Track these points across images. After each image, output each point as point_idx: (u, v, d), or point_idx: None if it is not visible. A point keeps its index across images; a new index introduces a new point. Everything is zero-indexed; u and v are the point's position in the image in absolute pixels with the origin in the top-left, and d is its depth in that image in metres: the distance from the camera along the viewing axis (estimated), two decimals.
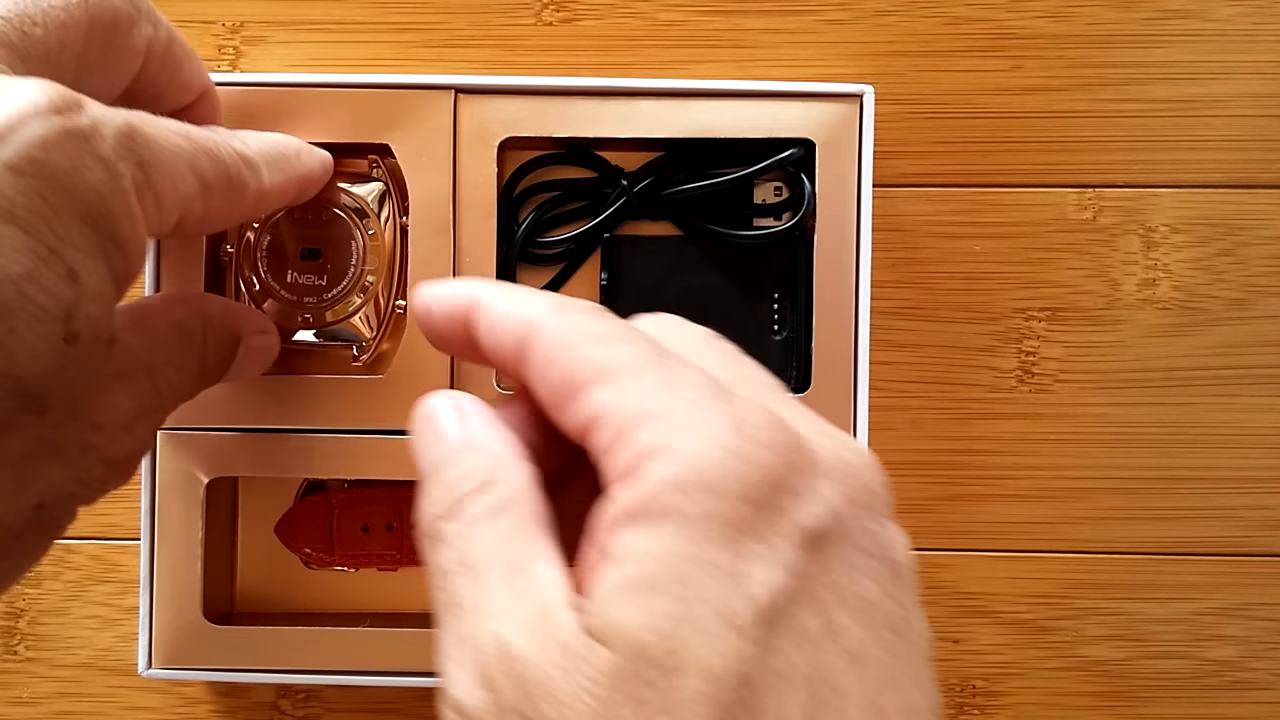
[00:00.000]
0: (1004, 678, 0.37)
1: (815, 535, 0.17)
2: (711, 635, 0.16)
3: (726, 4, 0.37)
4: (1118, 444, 0.37)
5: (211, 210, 0.24)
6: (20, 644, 0.37)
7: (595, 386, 0.18)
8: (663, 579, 0.16)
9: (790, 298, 0.34)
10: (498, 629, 0.17)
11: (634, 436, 0.17)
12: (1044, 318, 0.37)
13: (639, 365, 0.18)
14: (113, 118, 0.21)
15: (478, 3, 0.37)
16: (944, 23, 0.37)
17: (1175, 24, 0.37)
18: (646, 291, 0.34)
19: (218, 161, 0.23)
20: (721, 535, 0.17)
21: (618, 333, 0.19)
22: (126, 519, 0.37)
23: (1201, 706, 0.37)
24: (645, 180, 0.34)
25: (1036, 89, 0.37)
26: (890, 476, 0.38)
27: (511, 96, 0.33)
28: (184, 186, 0.22)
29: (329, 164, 0.31)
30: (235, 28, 0.37)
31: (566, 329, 0.19)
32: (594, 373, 0.18)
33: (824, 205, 0.33)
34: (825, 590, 0.17)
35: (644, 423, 0.17)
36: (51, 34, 0.22)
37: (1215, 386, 0.37)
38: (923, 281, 0.37)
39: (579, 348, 0.18)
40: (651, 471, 0.17)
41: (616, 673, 0.16)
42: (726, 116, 0.32)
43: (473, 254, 0.33)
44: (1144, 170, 0.37)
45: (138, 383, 0.23)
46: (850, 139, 0.33)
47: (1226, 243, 0.37)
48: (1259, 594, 0.37)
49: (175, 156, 0.22)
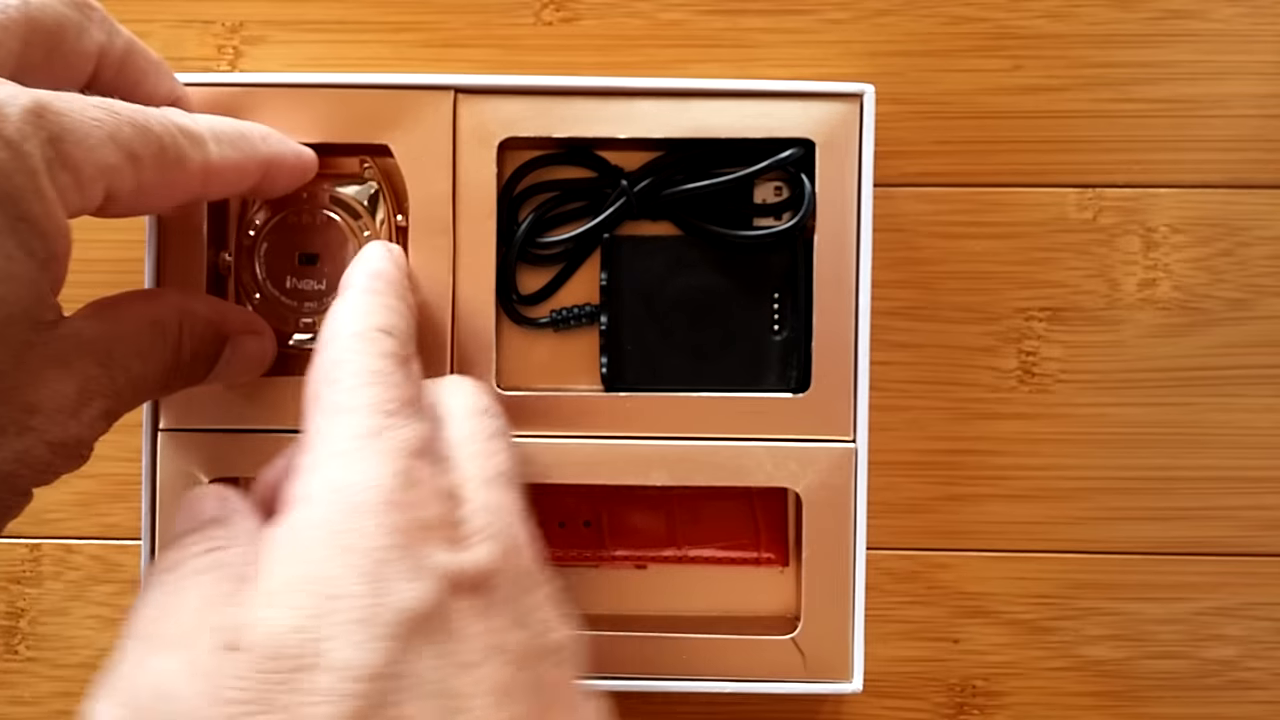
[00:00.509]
0: (1004, 678, 0.37)
1: (463, 581, 0.19)
2: (350, 634, 0.17)
3: (726, 4, 0.36)
4: (1118, 444, 0.37)
5: (146, 182, 0.23)
6: (21, 644, 0.37)
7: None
8: (304, 583, 0.18)
9: (790, 298, 0.34)
10: (158, 662, 0.18)
11: (298, 477, 0.20)
12: (1044, 318, 0.37)
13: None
14: (18, 96, 0.21)
15: (478, 2, 0.37)
16: (944, 22, 0.37)
17: (1175, 24, 0.37)
18: (646, 291, 0.34)
19: (145, 132, 0.23)
20: (369, 552, 0.18)
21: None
22: (127, 519, 0.37)
23: (1201, 706, 0.37)
24: (645, 180, 0.34)
25: (1036, 89, 0.37)
26: (890, 476, 0.38)
27: (511, 96, 0.33)
28: (104, 158, 0.22)
29: (307, 157, 0.31)
30: (235, 27, 0.37)
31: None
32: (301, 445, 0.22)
33: (824, 205, 0.33)
34: (466, 629, 0.19)
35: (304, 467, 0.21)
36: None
37: (1215, 386, 0.37)
38: (923, 281, 0.37)
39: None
40: (303, 489, 0.20)
41: (251, 675, 0.17)
42: (726, 116, 0.32)
43: (472, 254, 0.33)
44: (1144, 170, 0.37)
45: (84, 369, 0.23)
46: (850, 139, 0.33)
47: (1227, 243, 0.37)
48: (1259, 594, 0.37)
49: (91, 129, 0.22)
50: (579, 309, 0.35)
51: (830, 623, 0.33)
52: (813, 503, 0.32)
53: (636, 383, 0.34)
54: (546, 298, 0.35)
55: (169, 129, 0.24)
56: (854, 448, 0.32)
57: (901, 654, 0.37)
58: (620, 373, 0.34)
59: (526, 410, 0.33)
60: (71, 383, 0.23)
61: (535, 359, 0.35)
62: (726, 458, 0.32)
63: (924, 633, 0.37)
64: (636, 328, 0.34)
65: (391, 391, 0.22)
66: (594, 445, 0.32)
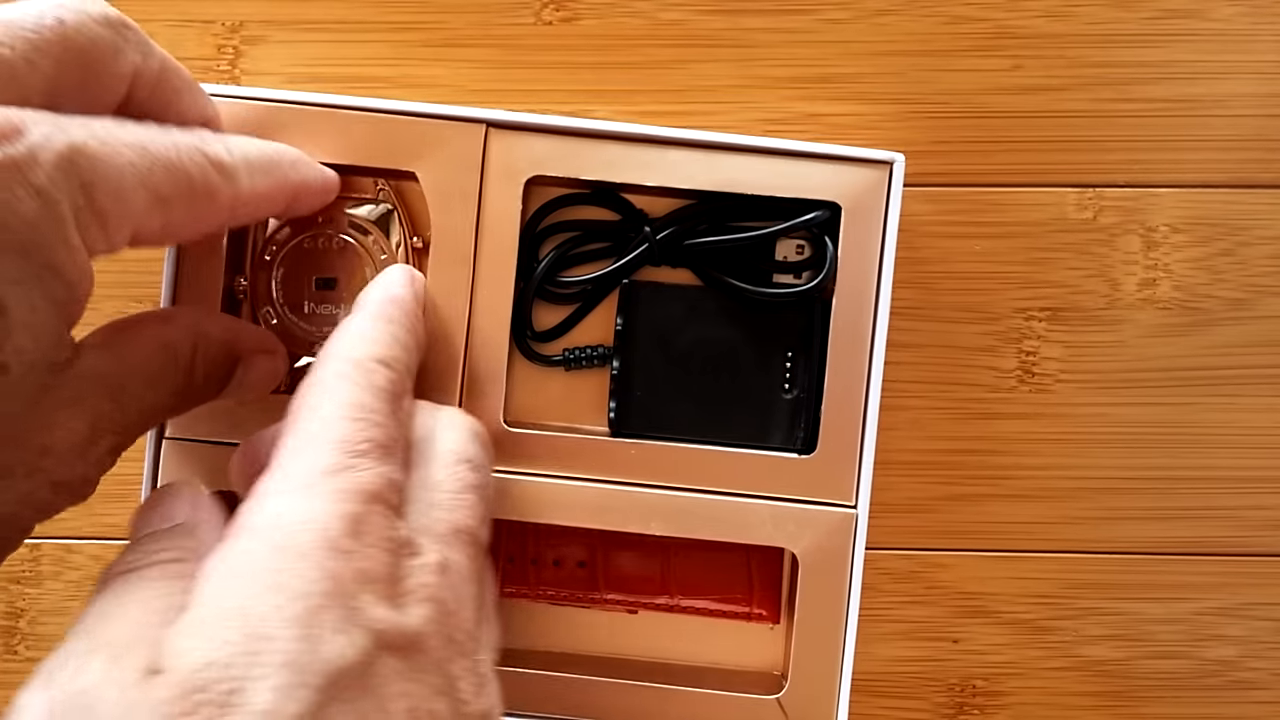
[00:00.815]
0: (1004, 678, 0.37)
1: (393, 641, 0.19)
2: (273, 679, 0.17)
3: (726, 4, 0.36)
4: (1118, 444, 0.37)
5: (174, 221, 0.23)
6: (20, 644, 0.37)
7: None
8: (233, 618, 0.18)
9: (804, 357, 0.34)
10: (89, 668, 0.18)
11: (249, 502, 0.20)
12: (1044, 318, 0.37)
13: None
14: (55, 140, 0.20)
15: (478, 2, 0.37)
16: (944, 22, 0.37)
17: (1175, 24, 0.37)
18: (661, 338, 0.34)
19: (177, 173, 0.23)
20: (302, 595, 0.18)
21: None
22: (127, 519, 0.37)
23: (1201, 706, 0.37)
24: (669, 228, 0.34)
25: (1036, 89, 0.37)
26: (891, 476, 0.38)
27: (542, 135, 0.32)
28: (134, 204, 0.22)
29: (331, 180, 0.30)
30: (235, 27, 0.37)
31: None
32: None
33: (845, 269, 0.32)
34: (387, 690, 0.18)
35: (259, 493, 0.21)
36: (18, 54, 0.22)
37: (1215, 386, 0.37)
38: (923, 281, 0.37)
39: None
40: (249, 518, 0.20)
41: (168, 703, 0.16)
42: (755, 173, 0.32)
43: (490, 287, 0.32)
44: (1144, 170, 0.37)
45: (96, 405, 0.23)
46: (877, 205, 0.32)
47: (1227, 243, 0.37)
48: (1259, 594, 0.37)
49: (124, 174, 0.21)
50: (592, 349, 0.35)
51: (817, 685, 0.32)
52: (809, 565, 0.32)
53: (643, 428, 0.34)
54: (560, 335, 0.35)
55: (201, 165, 0.24)
56: (855, 513, 0.32)
57: (901, 654, 0.37)
58: (627, 417, 0.34)
59: (531, 448, 0.32)
60: (83, 421, 0.22)
61: (544, 396, 0.35)
62: (727, 513, 0.32)
63: (923, 632, 0.37)
64: (648, 373, 0.34)
65: (368, 431, 0.22)
66: (595, 489, 0.32)
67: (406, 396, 0.24)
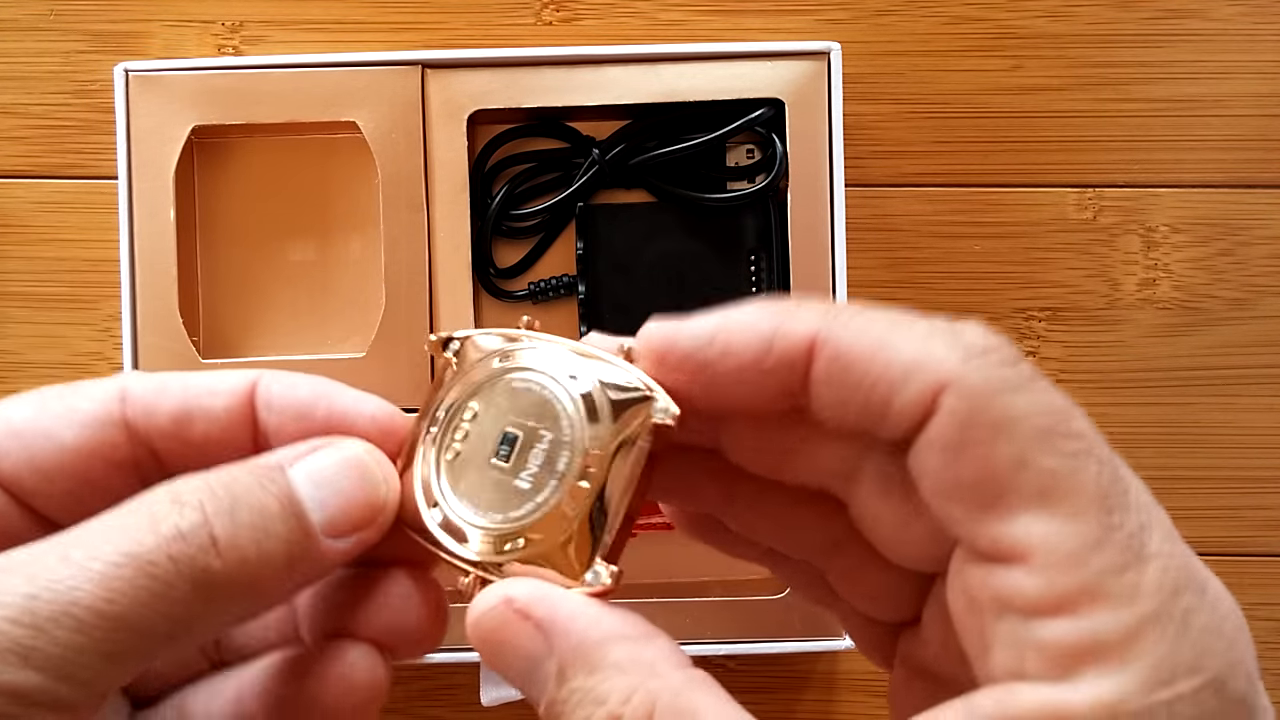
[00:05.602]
0: None
1: None
2: None
3: (726, 4, 0.36)
4: (1118, 444, 0.36)
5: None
6: None
7: (1027, 512, 0.14)
8: None
9: (767, 258, 0.34)
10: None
11: (1077, 623, 0.13)
12: (1044, 318, 0.37)
13: (1093, 500, 0.14)
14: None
15: (478, 2, 0.37)
16: (944, 22, 0.37)
17: (1175, 24, 0.37)
18: (623, 259, 0.35)
19: None
20: None
21: (1069, 425, 0.15)
22: None
23: None
24: (616, 148, 0.34)
25: (1036, 89, 0.37)
26: None
27: (479, 69, 0.33)
28: None
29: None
30: (235, 27, 0.37)
31: (999, 399, 0.14)
32: (1033, 486, 0.14)
33: (796, 164, 0.33)
34: None
35: (1096, 605, 0.13)
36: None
37: (1215, 386, 0.37)
38: (923, 281, 0.37)
39: (1015, 440, 0.14)
40: (1096, 690, 0.13)
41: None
42: (695, 79, 0.33)
43: (447, 230, 0.33)
44: (1144, 170, 0.37)
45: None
46: (820, 96, 0.33)
47: (1226, 243, 0.37)
48: (1259, 594, 0.37)
49: None
50: (557, 280, 0.35)
51: None
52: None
53: None
54: (524, 270, 0.35)
55: None
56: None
57: None
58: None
59: None
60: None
61: None
62: None
63: None
64: (615, 295, 0.34)
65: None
66: None
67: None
